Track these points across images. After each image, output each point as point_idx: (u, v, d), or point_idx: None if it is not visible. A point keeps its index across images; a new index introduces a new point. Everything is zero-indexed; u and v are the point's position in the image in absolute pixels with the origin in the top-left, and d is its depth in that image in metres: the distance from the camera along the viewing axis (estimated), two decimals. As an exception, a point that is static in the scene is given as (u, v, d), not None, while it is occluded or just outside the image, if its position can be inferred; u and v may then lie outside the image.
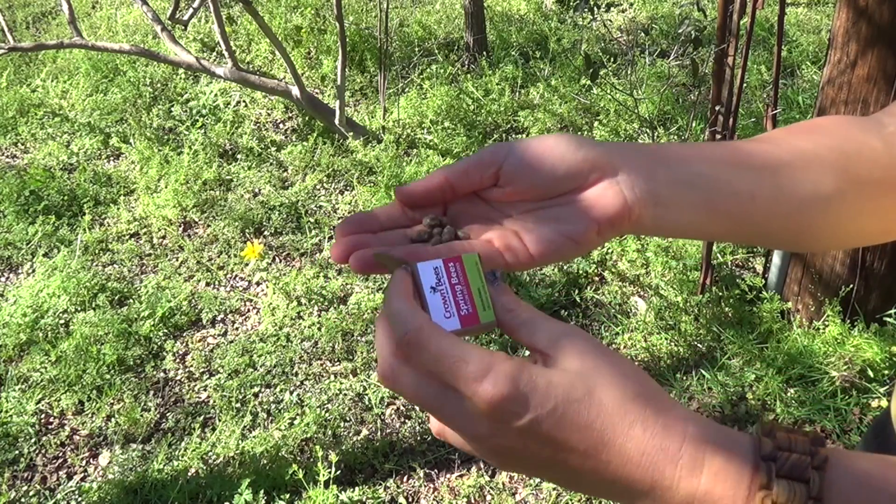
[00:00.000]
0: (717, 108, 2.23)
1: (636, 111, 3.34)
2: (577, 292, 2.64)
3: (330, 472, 1.99)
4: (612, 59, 4.03)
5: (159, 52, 3.56)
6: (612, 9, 4.83)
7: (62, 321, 2.61)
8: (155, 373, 2.44)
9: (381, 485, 2.07)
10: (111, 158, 3.59)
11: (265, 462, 2.09)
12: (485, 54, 4.10)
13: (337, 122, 3.37)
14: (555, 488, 2.02)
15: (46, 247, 2.98)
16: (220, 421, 2.26)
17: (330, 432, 2.20)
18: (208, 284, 2.81)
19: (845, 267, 2.28)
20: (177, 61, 3.33)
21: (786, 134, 0.59)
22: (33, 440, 2.23)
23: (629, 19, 4.73)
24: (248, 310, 2.71)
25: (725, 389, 2.24)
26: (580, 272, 2.72)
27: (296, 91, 3.31)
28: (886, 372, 2.20)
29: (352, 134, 3.40)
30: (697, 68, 2.52)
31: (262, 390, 2.37)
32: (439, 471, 2.11)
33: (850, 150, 0.57)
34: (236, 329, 2.62)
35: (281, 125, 3.79)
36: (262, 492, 1.99)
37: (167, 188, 3.19)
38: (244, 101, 3.92)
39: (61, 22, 4.90)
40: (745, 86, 2.73)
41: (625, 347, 2.45)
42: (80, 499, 2.07)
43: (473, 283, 0.49)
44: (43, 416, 2.31)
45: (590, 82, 3.22)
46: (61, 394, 2.35)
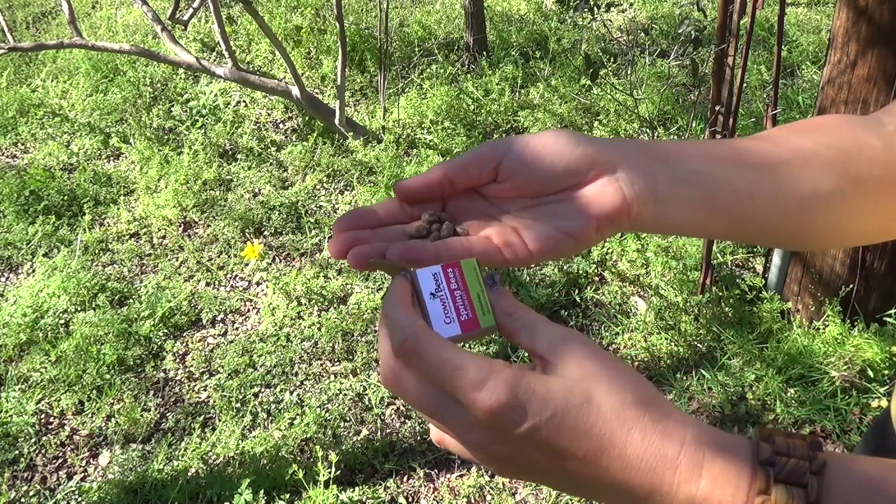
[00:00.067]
0: (717, 108, 2.23)
1: (636, 111, 3.34)
2: (577, 292, 2.64)
3: (330, 472, 1.99)
4: (612, 59, 4.03)
5: (159, 52, 3.56)
6: (612, 9, 4.84)
7: (62, 321, 2.61)
8: (155, 373, 2.44)
9: (381, 485, 2.07)
10: (111, 158, 3.59)
11: (265, 462, 2.09)
12: (485, 54, 4.10)
13: (337, 122, 3.37)
14: (555, 488, 2.02)
15: (46, 247, 2.98)
16: (220, 421, 2.26)
17: (330, 432, 2.20)
18: (208, 284, 2.82)
19: (845, 267, 2.28)
20: (177, 61, 3.33)
21: (785, 132, 0.59)
22: (33, 440, 2.23)
23: (629, 19, 4.73)
24: (248, 310, 2.71)
25: (725, 389, 2.24)
26: (580, 272, 2.72)
27: (296, 91, 3.31)
28: (886, 372, 2.20)
29: (352, 134, 3.40)
30: (697, 68, 2.52)
31: (262, 390, 2.37)
32: (439, 471, 2.11)
33: (850, 149, 0.57)
34: (236, 329, 2.62)
35: (281, 125, 3.79)
36: (262, 492, 1.99)
37: (167, 188, 3.19)
38: (244, 101, 3.92)
39: (61, 22, 4.90)
40: (745, 86, 2.73)
41: (625, 347, 2.45)
42: (80, 499, 2.07)
43: (472, 288, 0.49)
44: (43, 416, 2.31)
45: (590, 82, 3.22)
46: (61, 394, 2.35)
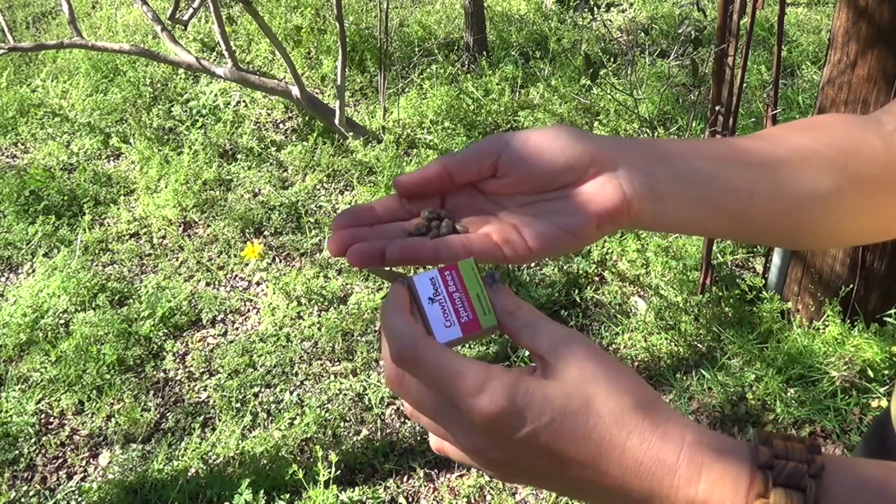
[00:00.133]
0: (717, 108, 2.23)
1: (636, 111, 3.34)
2: (577, 292, 2.64)
3: (330, 472, 1.99)
4: (612, 59, 4.03)
5: (159, 52, 3.56)
6: (612, 9, 4.84)
7: (62, 321, 2.61)
8: (155, 373, 2.44)
9: (381, 485, 2.07)
10: (111, 158, 3.59)
11: (265, 462, 2.09)
12: (485, 54, 4.10)
13: (337, 122, 3.37)
14: (555, 488, 2.02)
15: (46, 247, 2.98)
16: (220, 421, 2.26)
17: (330, 432, 2.20)
18: (208, 284, 2.82)
19: (845, 267, 2.28)
20: (177, 61, 3.33)
21: (785, 131, 0.59)
22: (33, 440, 2.23)
23: (629, 19, 4.73)
24: (248, 310, 2.71)
25: (725, 389, 2.24)
26: (580, 272, 2.72)
27: (296, 91, 3.31)
28: (886, 372, 2.20)
29: (352, 134, 3.40)
30: (697, 68, 2.52)
31: (262, 390, 2.37)
32: (439, 471, 2.11)
33: (850, 148, 0.57)
34: (236, 329, 2.62)
35: (281, 125, 3.79)
36: (262, 492, 1.99)
37: (167, 188, 3.19)
38: (244, 101, 3.92)
39: (61, 22, 4.90)
40: (745, 86, 2.73)
41: (625, 347, 2.45)
42: (80, 499, 2.07)
43: (472, 288, 0.48)
44: (43, 416, 2.31)
45: (590, 82, 3.22)
46: (61, 394, 2.35)
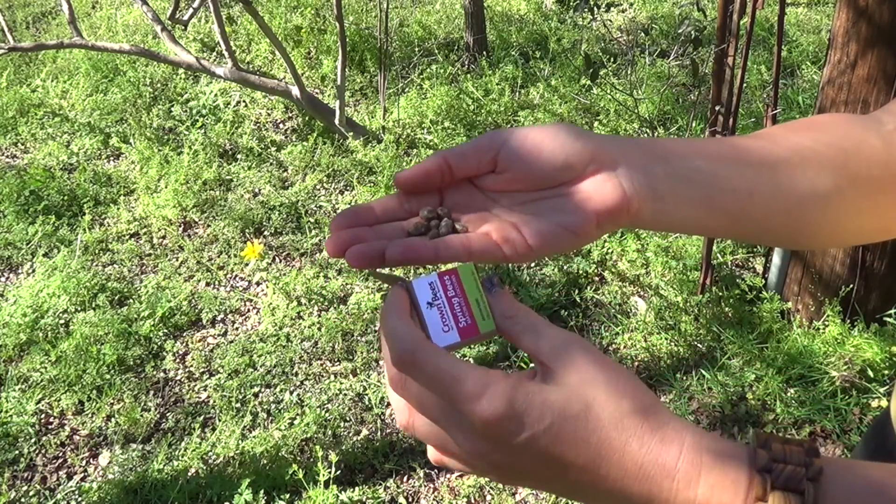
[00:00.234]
0: (717, 108, 2.23)
1: (636, 111, 3.34)
2: (577, 292, 2.64)
3: (330, 472, 1.99)
4: (612, 59, 4.03)
5: (159, 52, 3.56)
6: (612, 9, 4.83)
7: (62, 321, 2.61)
8: (155, 373, 2.44)
9: (381, 485, 2.07)
10: (111, 158, 3.59)
11: (265, 462, 2.09)
12: (485, 54, 4.10)
13: (337, 122, 3.37)
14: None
15: (46, 247, 2.98)
16: (220, 421, 2.26)
17: (330, 432, 2.20)
18: (208, 284, 2.82)
19: (845, 267, 2.28)
20: (177, 61, 3.33)
21: (785, 131, 0.59)
22: (33, 440, 2.23)
23: (629, 19, 4.73)
24: (248, 310, 2.71)
25: (725, 389, 2.24)
26: (580, 272, 2.72)
27: (296, 91, 3.31)
28: (886, 372, 2.20)
29: (352, 134, 3.40)
30: (697, 68, 2.52)
31: (262, 390, 2.37)
32: (439, 471, 2.11)
33: (849, 148, 0.57)
34: (236, 329, 2.62)
35: (281, 125, 3.79)
36: (262, 492, 1.99)
37: (167, 188, 3.19)
38: (244, 101, 3.92)
39: (61, 22, 4.90)
40: (745, 86, 2.73)
41: (625, 347, 2.45)
42: (80, 499, 2.07)
43: (471, 293, 0.49)
44: (43, 416, 2.31)
45: (590, 82, 3.22)
46: (61, 394, 2.35)
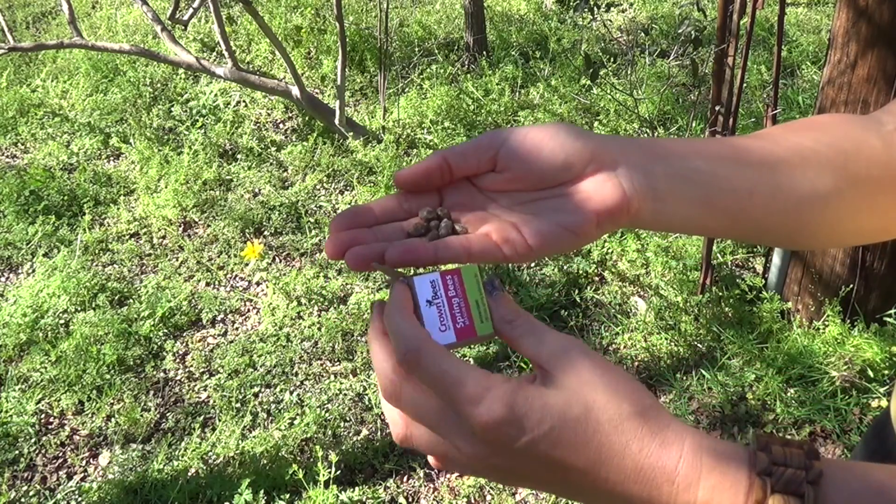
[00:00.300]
0: (717, 108, 2.23)
1: (636, 111, 3.34)
2: (577, 292, 2.64)
3: (330, 472, 1.99)
4: (612, 59, 4.03)
5: (159, 52, 3.56)
6: (612, 9, 4.83)
7: (62, 321, 2.61)
8: (155, 373, 2.44)
9: (381, 485, 2.07)
10: (111, 158, 3.59)
11: (265, 462, 2.09)
12: (485, 54, 4.10)
13: (337, 122, 3.37)
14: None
15: (46, 247, 2.98)
16: (220, 421, 2.26)
17: (330, 432, 2.20)
18: (208, 284, 2.82)
19: (845, 267, 2.28)
20: (177, 61, 3.33)
21: (784, 131, 0.59)
22: (33, 440, 2.23)
23: (629, 19, 4.73)
24: (248, 310, 2.71)
25: (725, 389, 2.24)
26: (580, 272, 2.72)
27: (296, 91, 3.31)
28: (886, 372, 2.20)
29: (352, 134, 3.40)
30: (697, 68, 2.52)
31: (262, 390, 2.37)
32: (439, 471, 2.11)
33: (849, 148, 0.57)
34: (236, 329, 2.62)
35: (281, 125, 3.79)
36: (262, 492, 1.99)
37: (167, 188, 3.19)
38: (244, 101, 3.92)
39: (61, 22, 4.90)
40: (745, 86, 2.73)
41: (625, 347, 2.45)
42: (80, 499, 2.07)
43: (472, 295, 0.49)
44: (43, 416, 2.31)
45: (590, 82, 3.22)
46: (61, 394, 2.35)
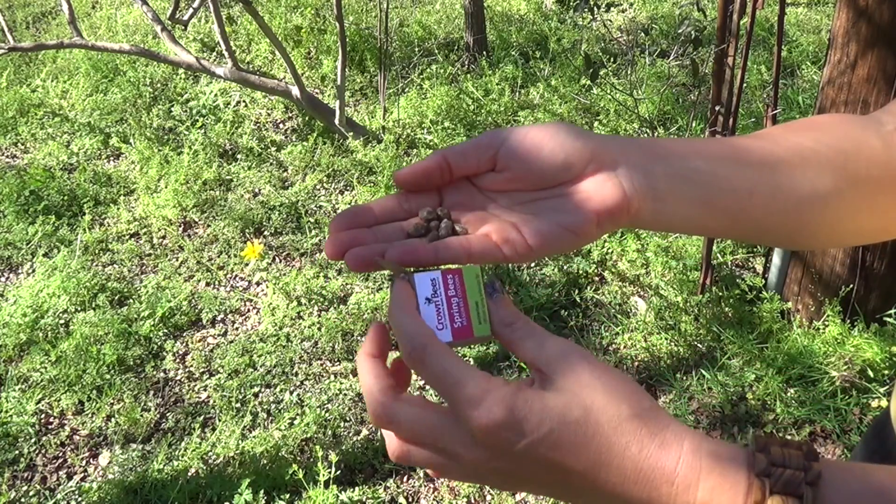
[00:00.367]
0: (717, 108, 2.23)
1: (636, 111, 3.34)
2: (577, 292, 2.64)
3: (330, 472, 1.99)
4: (612, 59, 4.03)
5: (159, 52, 3.56)
6: (612, 9, 4.83)
7: (62, 321, 2.61)
8: (155, 373, 2.44)
9: (381, 485, 2.07)
10: (111, 158, 3.59)
11: (265, 462, 2.09)
12: (485, 54, 4.10)
13: (337, 122, 3.37)
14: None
15: (46, 247, 2.98)
16: (220, 421, 2.26)
17: (330, 432, 2.20)
18: (208, 284, 2.82)
19: (845, 267, 2.28)
20: (177, 61, 3.33)
21: (784, 131, 0.59)
22: (33, 440, 2.23)
23: (629, 19, 4.73)
24: (248, 310, 2.71)
25: (725, 389, 2.24)
26: (580, 272, 2.72)
27: (296, 91, 3.31)
28: (886, 372, 2.20)
29: (352, 134, 3.40)
30: (697, 68, 2.52)
31: (262, 390, 2.37)
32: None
33: (849, 149, 0.57)
34: (236, 329, 2.62)
35: (281, 125, 3.79)
36: (262, 492, 1.99)
37: (167, 188, 3.19)
38: (244, 101, 3.92)
39: (61, 22, 4.90)
40: (745, 86, 2.73)
41: (625, 347, 2.45)
42: (80, 499, 2.07)
43: (472, 295, 0.49)
44: (43, 416, 2.31)
45: (590, 82, 3.22)
46: (61, 394, 2.35)
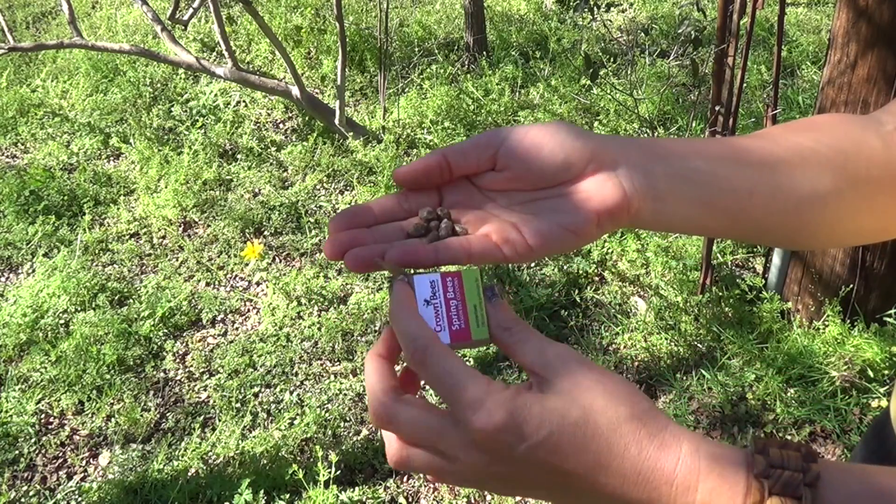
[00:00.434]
0: (717, 108, 2.23)
1: (636, 111, 3.34)
2: (577, 292, 2.64)
3: (330, 472, 1.99)
4: (612, 59, 4.03)
5: (159, 52, 3.56)
6: (612, 9, 4.83)
7: (62, 321, 2.61)
8: (155, 373, 2.44)
9: (381, 485, 2.07)
10: (111, 158, 3.59)
11: (265, 462, 2.09)
12: (485, 54, 4.10)
13: (337, 122, 3.37)
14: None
15: (46, 247, 2.98)
16: (220, 421, 2.26)
17: (330, 432, 2.20)
18: (208, 284, 2.82)
19: (845, 267, 2.28)
20: (177, 61, 3.33)
21: (784, 131, 0.59)
22: (33, 440, 2.23)
23: (629, 19, 4.73)
24: (248, 310, 2.71)
25: (725, 389, 2.24)
26: (580, 272, 2.72)
27: (296, 91, 3.31)
28: (886, 372, 2.20)
29: (352, 134, 3.40)
30: (697, 68, 2.52)
31: (262, 390, 2.37)
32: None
33: (849, 149, 0.57)
34: (236, 329, 2.62)
35: (281, 125, 3.79)
36: (262, 492, 1.99)
37: (167, 188, 3.19)
38: (244, 101, 3.92)
39: (61, 22, 4.90)
40: (745, 86, 2.73)
41: (625, 347, 2.45)
42: (80, 499, 2.07)
43: (470, 298, 0.49)
44: (43, 416, 2.31)
45: (590, 82, 3.22)
46: (61, 394, 2.35)
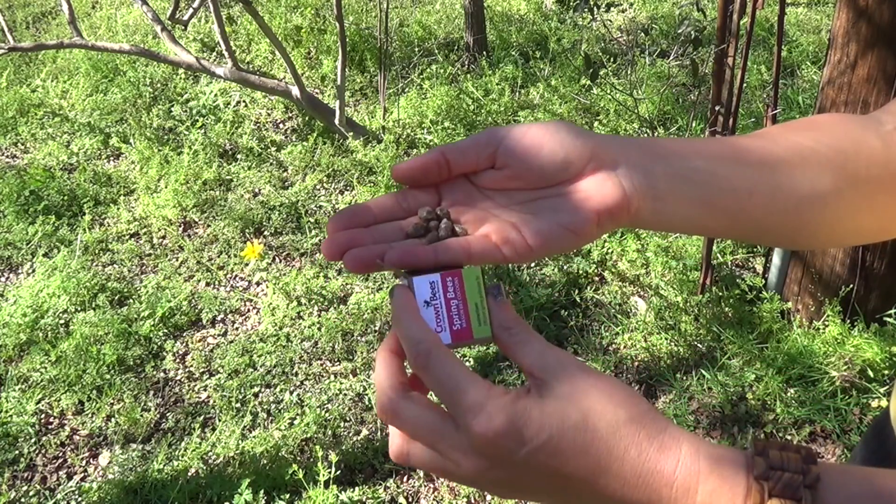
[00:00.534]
0: (717, 108, 2.23)
1: (636, 111, 3.34)
2: (577, 292, 2.64)
3: (330, 472, 1.99)
4: (612, 59, 4.03)
5: (159, 52, 3.56)
6: (612, 9, 4.83)
7: (62, 321, 2.61)
8: (155, 373, 2.44)
9: (381, 485, 2.07)
10: (111, 158, 3.59)
11: (265, 462, 2.09)
12: (485, 54, 4.10)
13: (337, 122, 3.37)
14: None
15: (46, 247, 2.98)
16: (220, 421, 2.26)
17: (330, 432, 2.20)
18: (208, 284, 2.82)
19: (845, 267, 2.28)
20: (177, 61, 3.33)
21: (784, 130, 0.59)
22: (33, 440, 2.23)
23: (629, 19, 4.73)
24: (248, 310, 2.71)
25: (725, 389, 2.24)
26: (580, 272, 2.72)
27: (296, 91, 3.31)
28: (886, 372, 2.20)
29: (352, 134, 3.40)
30: (697, 68, 2.52)
31: (262, 390, 2.37)
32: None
33: (849, 148, 0.57)
34: (236, 329, 2.62)
35: (281, 125, 3.79)
36: (262, 492, 1.99)
37: (167, 188, 3.19)
38: (244, 101, 3.92)
39: (61, 22, 4.90)
40: (745, 86, 2.73)
41: (625, 347, 2.45)
42: (80, 499, 2.07)
43: (471, 297, 0.49)
44: (43, 416, 2.31)
45: (590, 82, 3.22)
46: (61, 394, 2.35)
